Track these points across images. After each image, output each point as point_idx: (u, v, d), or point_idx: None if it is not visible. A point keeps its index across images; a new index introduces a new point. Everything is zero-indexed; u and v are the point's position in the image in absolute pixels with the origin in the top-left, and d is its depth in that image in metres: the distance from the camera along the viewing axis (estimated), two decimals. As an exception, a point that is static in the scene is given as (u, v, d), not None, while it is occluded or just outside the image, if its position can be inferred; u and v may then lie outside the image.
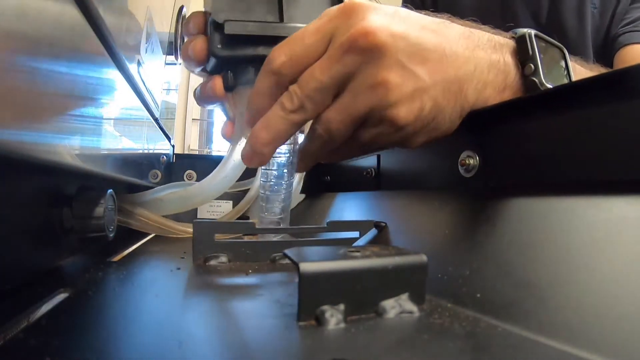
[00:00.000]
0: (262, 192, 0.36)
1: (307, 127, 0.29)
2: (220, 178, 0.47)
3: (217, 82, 0.34)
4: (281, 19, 0.32)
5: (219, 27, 0.31)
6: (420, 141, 0.27)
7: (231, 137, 0.37)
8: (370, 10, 0.24)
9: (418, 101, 0.24)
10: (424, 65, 0.24)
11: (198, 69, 0.35)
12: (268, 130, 0.27)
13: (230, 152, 0.46)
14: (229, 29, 0.31)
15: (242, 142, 0.43)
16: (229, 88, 0.34)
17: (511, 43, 0.28)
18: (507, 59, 0.27)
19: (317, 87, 0.25)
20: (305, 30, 0.26)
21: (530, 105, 0.23)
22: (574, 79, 0.30)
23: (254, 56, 0.32)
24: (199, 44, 0.33)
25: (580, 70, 0.32)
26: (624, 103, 0.18)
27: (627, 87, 0.18)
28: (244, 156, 0.29)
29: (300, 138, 0.32)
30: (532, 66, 0.27)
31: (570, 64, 0.30)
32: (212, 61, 0.33)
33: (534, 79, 0.27)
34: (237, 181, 0.49)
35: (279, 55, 0.26)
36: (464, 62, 0.25)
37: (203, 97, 0.35)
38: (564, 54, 0.30)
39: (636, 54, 0.57)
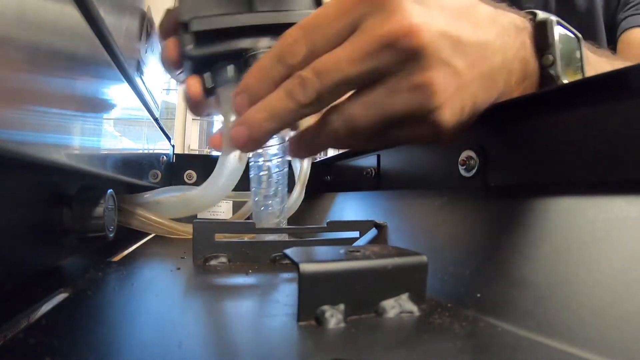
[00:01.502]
0: (256, 198, 0.36)
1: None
2: (219, 184, 0.46)
3: (191, 83, 0.32)
4: (252, 9, 0.30)
5: (186, 26, 0.29)
6: (455, 135, 0.24)
7: (221, 149, 0.35)
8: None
9: (459, 100, 0.23)
10: (465, 60, 0.22)
11: (177, 74, 0.33)
12: (272, 119, 0.24)
13: (223, 158, 0.44)
14: (195, 26, 0.29)
15: (236, 154, 0.42)
16: (209, 91, 0.32)
17: (529, 27, 0.26)
18: (527, 46, 0.26)
19: (341, 80, 0.22)
20: (325, 13, 0.22)
21: (531, 104, 0.23)
22: (587, 72, 0.28)
23: (231, 51, 0.30)
24: (170, 47, 0.31)
25: (592, 59, 0.30)
26: (624, 102, 0.18)
27: (627, 86, 0.18)
28: (238, 140, 0.25)
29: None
30: (551, 58, 0.26)
31: (584, 54, 0.28)
32: (188, 63, 0.31)
33: (552, 72, 0.26)
34: (238, 191, 0.48)
35: (296, 46, 0.23)
36: (496, 51, 0.23)
37: (190, 105, 0.33)
38: (580, 43, 0.28)
39: (637, 37, 0.57)
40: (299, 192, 0.53)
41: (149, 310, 0.21)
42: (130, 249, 0.44)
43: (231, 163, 0.44)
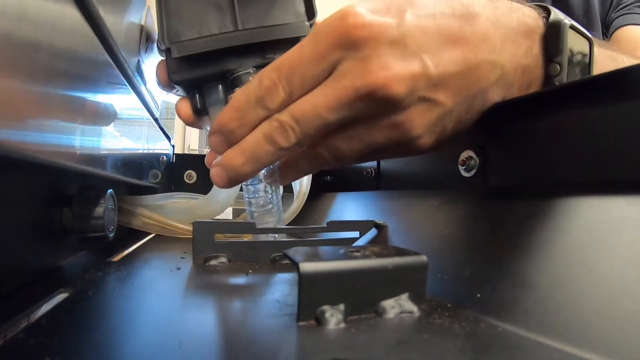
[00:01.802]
0: (249, 209, 0.36)
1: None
2: (224, 195, 0.47)
3: (181, 106, 0.32)
4: (235, 27, 0.28)
5: (168, 51, 0.28)
6: (439, 149, 0.26)
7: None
8: (381, 41, 0.21)
9: (440, 125, 0.23)
10: (446, 91, 0.22)
11: (175, 92, 0.33)
12: (251, 163, 0.24)
13: None
14: (176, 53, 0.28)
15: None
16: (199, 112, 0.31)
17: (541, 27, 0.25)
18: (535, 51, 0.25)
19: (321, 126, 0.22)
20: (300, 55, 0.22)
21: (531, 104, 0.23)
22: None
23: (216, 73, 0.29)
24: (161, 70, 0.31)
25: (600, 57, 0.28)
26: (624, 102, 0.18)
27: (627, 86, 0.18)
28: (216, 180, 0.26)
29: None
30: (558, 67, 0.25)
31: (593, 58, 0.27)
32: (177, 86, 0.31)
33: (556, 82, 0.25)
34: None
35: (274, 89, 0.23)
36: (490, 69, 0.23)
37: (185, 123, 0.34)
38: (591, 48, 0.27)
39: (629, 35, 0.58)
40: (296, 207, 0.53)
41: (149, 310, 0.21)
42: (130, 249, 0.44)
43: None
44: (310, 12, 0.30)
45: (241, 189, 0.38)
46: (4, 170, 0.21)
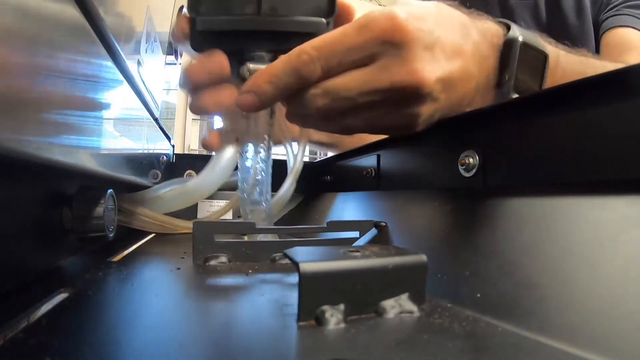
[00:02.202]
0: (241, 186, 0.37)
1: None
2: (216, 172, 0.48)
3: (218, 59, 0.31)
4: (258, 12, 0.30)
5: (192, 22, 0.30)
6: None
7: (216, 147, 0.37)
8: (419, 46, 0.25)
9: (434, 117, 0.28)
10: (447, 93, 0.27)
11: (183, 47, 0.33)
12: (278, 90, 0.27)
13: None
14: (200, 26, 0.30)
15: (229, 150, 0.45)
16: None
17: (500, 43, 0.30)
18: (495, 64, 0.30)
19: (348, 104, 0.26)
20: (343, 41, 0.25)
21: (531, 104, 0.23)
22: (546, 85, 0.32)
23: (233, 49, 0.31)
24: (179, 26, 0.31)
25: (563, 60, 0.34)
26: (624, 102, 0.18)
27: (627, 86, 0.18)
28: (245, 104, 0.28)
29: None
30: (507, 76, 0.30)
31: (547, 73, 0.32)
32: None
33: (505, 90, 0.30)
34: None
35: (312, 65, 0.26)
36: (472, 78, 0.28)
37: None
38: (546, 62, 0.32)
39: (618, 38, 0.58)
40: (289, 183, 0.53)
41: (149, 310, 0.21)
42: (130, 249, 0.44)
43: (226, 154, 0.47)
44: (331, 9, 0.31)
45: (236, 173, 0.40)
46: (4, 170, 0.21)
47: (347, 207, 0.48)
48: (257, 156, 0.36)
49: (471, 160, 0.27)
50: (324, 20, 0.30)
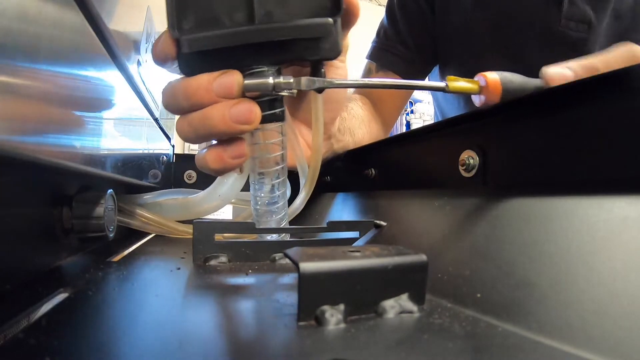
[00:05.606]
0: (255, 206, 0.36)
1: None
2: (222, 191, 0.47)
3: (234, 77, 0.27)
4: (252, 20, 0.26)
5: (177, 43, 0.26)
6: None
7: (220, 169, 0.33)
8: None
9: None
10: None
11: (168, 68, 0.29)
12: None
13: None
14: (187, 48, 0.25)
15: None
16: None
17: None
18: None
19: None
20: None
21: (531, 104, 0.23)
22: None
23: (230, 68, 0.27)
24: (160, 46, 0.27)
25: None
26: (624, 102, 0.18)
27: (627, 86, 0.18)
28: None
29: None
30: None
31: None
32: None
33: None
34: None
35: None
36: None
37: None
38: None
39: None
40: (302, 199, 0.52)
41: (149, 310, 0.21)
42: (130, 249, 0.44)
43: (233, 173, 0.44)
44: (337, 6, 0.26)
45: (246, 190, 0.38)
46: (4, 170, 0.21)
47: (347, 207, 0.48)
48: (271, 187, 0.33)
49: (471, 160, 0.27)
50: (330, 20, 0.26)
